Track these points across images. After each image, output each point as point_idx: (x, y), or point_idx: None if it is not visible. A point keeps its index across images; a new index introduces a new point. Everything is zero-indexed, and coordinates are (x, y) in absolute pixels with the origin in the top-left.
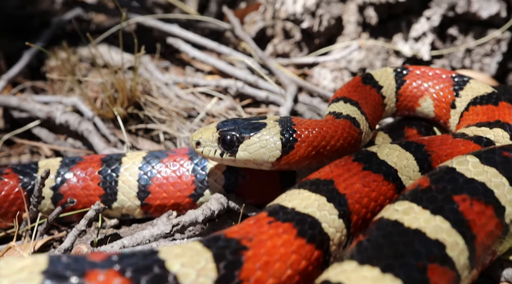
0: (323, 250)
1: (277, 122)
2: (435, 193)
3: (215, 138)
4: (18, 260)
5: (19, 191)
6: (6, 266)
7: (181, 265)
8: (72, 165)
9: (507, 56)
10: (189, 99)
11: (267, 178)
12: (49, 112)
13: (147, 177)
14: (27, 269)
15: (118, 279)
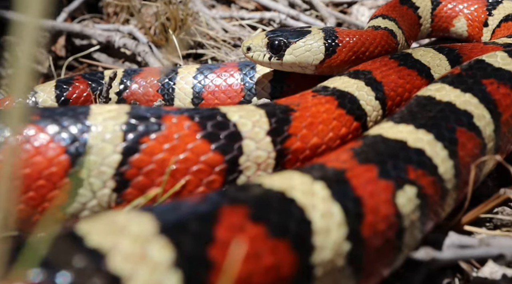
0: (361, 123)
1: (321, 29)
2: (465, 77)
3: (264, 43)
4: (106, 105)
5: (88, 93)
6: (97, 107)
7: (239, 117)
8: (133, 74)
9: None
10: (235, 30)
11: (310, 86)
12: (109, 37)
13: (200, 85)
14: (115, 110)
15: (188, 122)
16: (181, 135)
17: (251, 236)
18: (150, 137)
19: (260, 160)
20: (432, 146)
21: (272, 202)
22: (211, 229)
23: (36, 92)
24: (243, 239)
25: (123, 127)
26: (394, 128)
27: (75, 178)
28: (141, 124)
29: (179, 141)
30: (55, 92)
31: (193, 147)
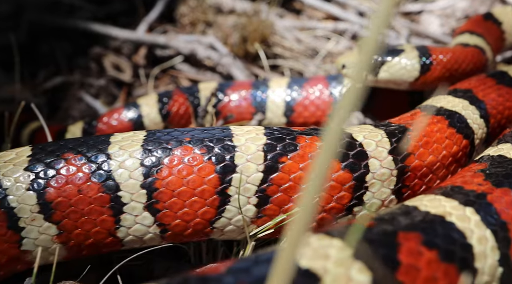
0: (469, 141)
1: (415, 48)
2: None
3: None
4: (243, 127)
5: (187, 107)
6: (237, 129)
7: (363, 137)
8: (227, 88)
9: None
10: (309, 41)
11: (399, 100)
12: (192, 49)
13: (291, 98)
14: (253, 131)
15: (317, 142)
16: (314, 155)
17: (427, 261)
18: (288, 156)
19: (384, 177)
20: None
21: (438, 228)
22: (396, 254)
23: (139, 105)
24: (422, 264)
25: (264, 148)
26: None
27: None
28: (279, 144)
29: (312, 161)
30: (158, 105)
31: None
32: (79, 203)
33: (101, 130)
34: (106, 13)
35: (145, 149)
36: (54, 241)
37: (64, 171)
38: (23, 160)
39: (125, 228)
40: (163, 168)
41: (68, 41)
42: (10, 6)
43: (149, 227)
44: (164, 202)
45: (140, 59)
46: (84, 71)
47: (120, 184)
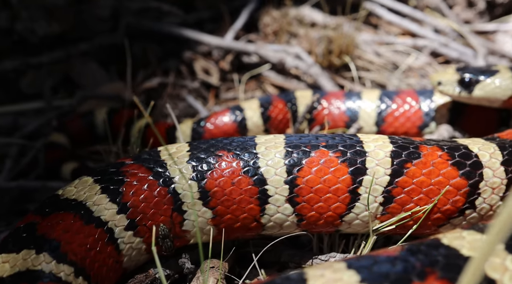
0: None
1: (509, 68)
2: None
3: (455, 79)
4: (370, 134)
5: (286, 112)
6: (363, 136)
7: (478, 149)
8: (322, 96)
9: None
10: (389, 55)
11: (486, 116)
12: (281, 58)
13: (382, 110)
14: (379, 139)
15: (439, 152)
16: (435, 162)
17: None
18: (412, 163)
19: (495, 185)
20: None
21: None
22: None
23: (243, 109)
24: None
25: (391, 154)
26: None
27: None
28: (404, 151)
29: (434, 167)
30: (260, 110)
31: (444, 173)
32: (232, 193)
33: (208, 130)
34: (194, 19)
35: (287, 151)
36: (209, 224)
37: (219, 166)
38: (183, 154)
39: (268, 216)
40: (303, 167)
41: (158, 44)
42: (109, 11)
43: (289, 216)
44: (303, 196)
45: (226, 65)
46: (176, 73)
47: (267, 179)
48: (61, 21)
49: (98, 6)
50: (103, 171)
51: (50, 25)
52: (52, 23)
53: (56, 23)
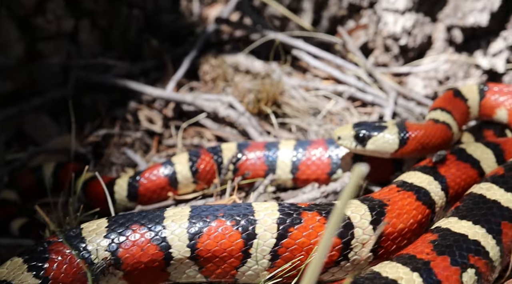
0: (431, 210)
1: (395, 125)
2: (507, 178)
3: (351, 134)
4: (263, 203)
5: (212, 165)
6: (257, 205)
7: (351, 212)
8: (244, 148)
9: None
10: (313, 100)
11: (383, 163)
12: (215, 108)
13: (297, 159)
14: (270, 207)
15: (318, 216)
16: (314, 226)
17: None
18: (294, 227)
19: (364, 241)
20: (485, 238)
21: None
22: None
23: (173, 164)
24: None
25: (277, 221)
26: (458, 223)
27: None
28: (288, 218)
29: (313, 230)
30: (189, 163)
31: (321, 234)
32: (141, 257)
33: (143, 184)
34: (140, 69)
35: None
36: (121, 279)
37: (132, 237)
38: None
39: (173, 267)
40: (203, 235)
41: (107, 94)
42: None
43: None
44: (202, 256)
45: (169, 112)
46: (122, 122)
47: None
48: (15, 79)
49: (49, 63)
50: (32, 251)
51: (4, 83)
52: (5, 81)
53: (9, 81)
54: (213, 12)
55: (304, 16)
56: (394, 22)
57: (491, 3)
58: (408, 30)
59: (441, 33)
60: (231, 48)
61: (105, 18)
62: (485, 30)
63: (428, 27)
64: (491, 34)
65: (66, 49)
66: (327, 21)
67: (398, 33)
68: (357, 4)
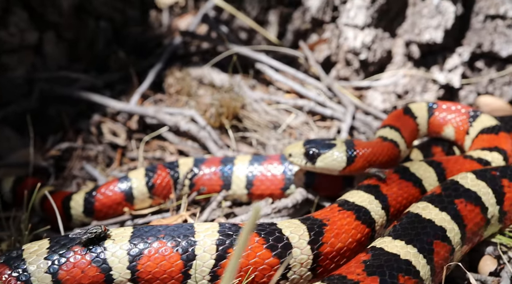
0: (371, 228)
1: (344, 143)
2: (443, 197)
3: (301, 152)
4: (205, 224)
5: (169, 180)
6: (198, 226)
7: (290, 232)
8: (201, 163)
9: None
10: (274, 114)
11: (334, 179)
12: (176, 122)
13: (251, 174)
14: (210, 228)
15: (257, 237)
16: (253, 246)
17: None
18: (233, 248)
19: (303, 261)
20: (416, 257)
21: None
22: None
23: (130, 179)
24: None
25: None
26: (392, 243)
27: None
28: (227, 239)
29: (251, 251)
30: (145, 179)
31: (260, 254)
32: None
33: (99, 200)
34: (105, 81)
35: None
36: None
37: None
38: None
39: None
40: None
41: (72, 106)
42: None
43: None
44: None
45: (133, 125)
46: (86, 135)
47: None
48: None
49: (13, 75)
50: None
51: None
52: None
53: None
54: (182, 23)
55: (270, 29)
56: (354, 37)
57: (445, 20)
58: (368, 45)
59: (400, 48)
60: (197, 61)
61: (71, 30)
62: (441, 46)
63: (387, 42)
64: (447, 50)
65: (31, 61)
66: (292, 34)
67: (358, 48)
68: (320, 19)
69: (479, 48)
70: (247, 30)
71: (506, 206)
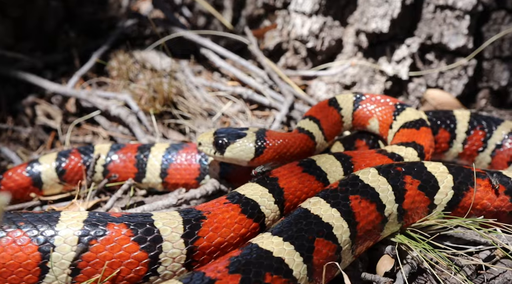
0: (259, 223)
1: (255, 133)
2: (338, 192)
3: (211, 141)
4: (72, 212)
5: (80, 165)
6: (65, 215)
7: (162, 224)
8: (117, 149)
9: (472, 80)
10: (212, 101)
11: (248, 170)
12: (107, 106)
13: (167, 163)
14: (76, 217)
15: (125, 229)
16: (119, 238)
17: None
18: (97, 240)
19: (175, 256)
20: (290, 255)
21: None
22: None
23: (40, 163)
24: None
25: (80, 233)
26: (269, 239)
27: None
28: (92, 230)
29: (117, 243)
30: (55, 164)
31: (126, 247)
32: None
33: (5, 183)
34: (45, 63)
35: None
36: None
37: None
38: None
39: None
40: None
41: (12, 87)
42: None
43: None
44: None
45: (70, 108)
46: (20, 116)
47: None
48: None
49: None
50: None
51: None
52: None
53: None
54: (144, 6)
55: (226, 14)
56: (301, 24)
57: (392, 9)
58: (315, 33)
59: (351, 37)
60: (143, 44)
61: (17, 7)
62: (389, 36)
63: (337, 30)
64: (397, 41)
65: None
66: (245, 20)
67: (305, 35)
68: (271, 4)
69: (429, 40)
70: (206, 15)
71: (407, 204)
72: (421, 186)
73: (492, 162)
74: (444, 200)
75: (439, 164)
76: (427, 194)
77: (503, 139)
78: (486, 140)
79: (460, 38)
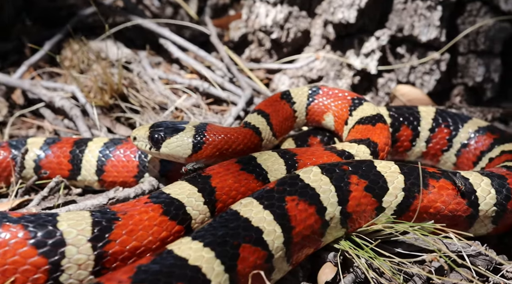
0: (184, 226)
1: (194, 127)
2: (274, 193)
3: (146, 135)
4: None
5: (9, 161)
6: None
7: (67, 226)
8: (52, 144)
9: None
10: (166, 94)
11: None
12: (51, 97)
13: (104, 159)
14: None
15: (22, 231)
16: (13, 242)
17: None
18: None
19: (80, 262)
20: (209, 263)
21: None
22: None
23: None
24: None
25: None
26: (187, 244)
27: None
28: None
29: (10, 248)
30: None
31: (21, 252)
32: None
33: None
34: None
35: None
36: None
37: None
38: None
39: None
40: None
41: None
42: None
43: None
44: None
45: (17, 99)
46: None
47: None
48: None
49: None
50: None
51: None
52: None
53: None
54: None
55: (192, 4)
56: (265, 14)
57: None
58: (280, 23)
59: (318, 29)
60: (99, 34)
61: None
62: (358, 28)
63: (304, 21)
64: (366, 33)
65: None
66: (210, 9)
67: (269, 25)
68: None
69: (400, 32)
70: (174, 5)
71: (351, 206)
72: (368, 187)
73: (457, 162)
74: (394, 202)
75: (390, 163)
76: (374, 196)
77: (469, 138)
78: (451, 139)
79: (431, 30)
